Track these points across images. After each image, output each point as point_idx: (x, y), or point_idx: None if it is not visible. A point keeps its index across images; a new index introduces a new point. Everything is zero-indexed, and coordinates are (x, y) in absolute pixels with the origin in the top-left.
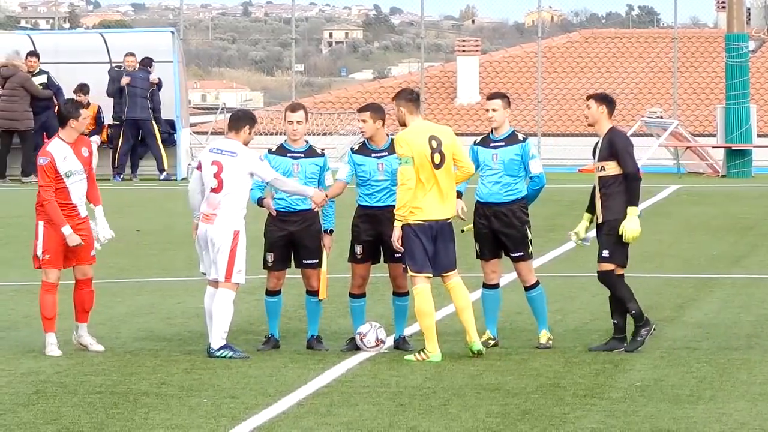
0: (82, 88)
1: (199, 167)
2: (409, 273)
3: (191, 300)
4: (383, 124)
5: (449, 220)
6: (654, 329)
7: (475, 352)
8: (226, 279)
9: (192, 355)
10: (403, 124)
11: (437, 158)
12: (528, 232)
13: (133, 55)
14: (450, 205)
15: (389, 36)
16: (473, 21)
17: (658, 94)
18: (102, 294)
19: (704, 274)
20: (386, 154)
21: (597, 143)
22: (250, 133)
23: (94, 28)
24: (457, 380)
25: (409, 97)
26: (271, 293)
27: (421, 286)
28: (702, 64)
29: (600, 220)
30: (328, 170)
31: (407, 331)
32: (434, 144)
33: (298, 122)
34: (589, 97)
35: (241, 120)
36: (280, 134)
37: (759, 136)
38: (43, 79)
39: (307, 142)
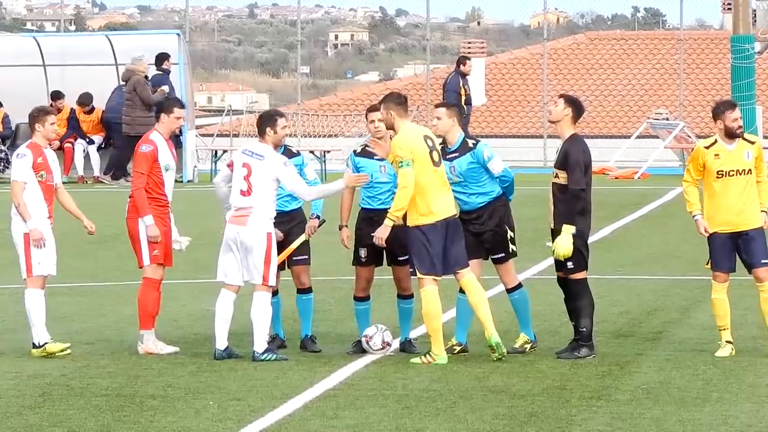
0: (58, 95)
1: (230, 165)
2: (417, 275)
3: (197, 303)
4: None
5: (456, 216)
6: (593, 358)
7: (494, 345)
8: (264, 282)
9: (198, 357)
10: (391, 127)
11: (435, 156)
12: (507, 231)
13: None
14: (452, 200)
15: (395, 38)
16: (479, 23)
17: (663, 95)
18: (108, 296)
19: (710, 276)
20: None
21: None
22: (276, 132)
23: (100, 30)
24: (463, 382)
25: (398, 101)
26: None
27: (429, 288)
28: (708, 66)
29: (552, 226)
30: (306, 165)
31: (413, 334)
32: (429, 143)
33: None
34: (560, 95)
35: (263, 123)
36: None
37: (765, 137)
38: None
39: (283, 144)
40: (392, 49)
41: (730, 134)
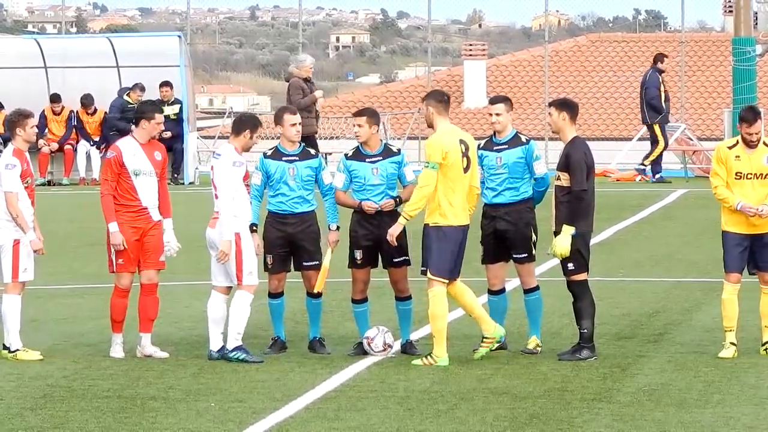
0: (57, 98)
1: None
2: (429, 275)
3: (198, 304)
4: (378, 130)
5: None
6: (594, 360)
7: (497, 337)
8: (239, 282)
9: (199, 359)
10: (430, 125)
11: (465, 162)
12: (532, 234)
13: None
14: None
15: (396, 40)
16: (480, 25)
17: None
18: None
19: (712, 278)
20: (380, 158)
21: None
22: (251, 138)
23: (102, 32)
24: (464, 384)
25: (440, 98)
26: (274, 296)
27: (438, 288)
28: (709, 68)
29: (554, 228)
30: (324, 169)
31: (414, 336)
32: (463, 148)
33: (301, 124)
34: (550, 104)
35: (243, 124)
36: None
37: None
38: (176, 109)
39: (301, 144)
40: (393, 51)
41: (746, 143)
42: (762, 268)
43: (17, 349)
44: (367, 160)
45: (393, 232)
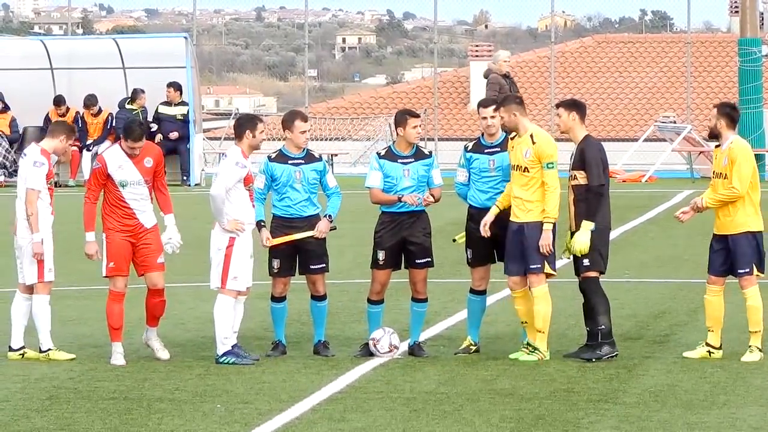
0: (60, 100)
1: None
2: (548, 271)
3: (204, 305)
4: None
5: None
6: (615, 356)
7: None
8: (222, 286)
9: (205, 360)
10: (514, 129)
11: None
12: None
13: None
14: None
15: (402, 41)
16: (486, 26)
17: (671, 98)
18: None
19: None
20: (412, 160)
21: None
22: (254, 136)
23: (108, 33)
24: (470, 385)
25: (519, 101)
26: (278, 299)
27: (546, 287)
28: (715, 69)
29: (573, 228)
30: (328, 172)
31: (423, 336)
32: None
33: (309, 130)
34: (558, 105)
35: (241, 126)
36: None
37: None
38: (183, 110)
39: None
40: (399, 52)
41: None
42: (732, 273)
43: (49, 349)
44: (399, 160)
45: (545, 243)
